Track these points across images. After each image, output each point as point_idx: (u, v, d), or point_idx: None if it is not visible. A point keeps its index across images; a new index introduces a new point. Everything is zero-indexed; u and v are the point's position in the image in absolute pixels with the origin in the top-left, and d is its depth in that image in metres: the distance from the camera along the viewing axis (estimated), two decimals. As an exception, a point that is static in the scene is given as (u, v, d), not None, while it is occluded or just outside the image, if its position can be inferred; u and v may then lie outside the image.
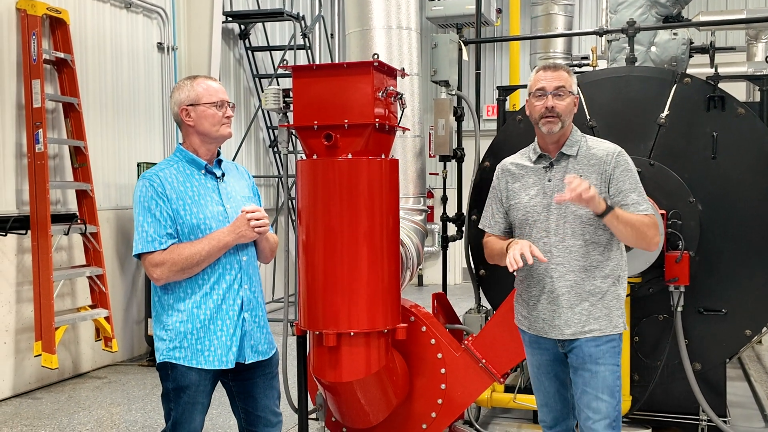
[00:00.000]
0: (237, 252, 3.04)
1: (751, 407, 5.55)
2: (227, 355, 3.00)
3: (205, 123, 3.03)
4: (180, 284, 2.98)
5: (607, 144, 3.23)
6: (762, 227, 4.47)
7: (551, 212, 3.15)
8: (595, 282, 3.13)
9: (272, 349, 3.22)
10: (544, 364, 3.31)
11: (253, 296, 3.10)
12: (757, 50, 9.55)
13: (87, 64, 7.18)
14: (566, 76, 3.16)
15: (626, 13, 5.75)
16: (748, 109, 4.56)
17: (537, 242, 3.14)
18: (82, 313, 6.75)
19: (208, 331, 2.98)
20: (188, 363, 2.98)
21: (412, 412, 4.17)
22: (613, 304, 3.17)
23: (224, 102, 3.06)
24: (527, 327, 3.31)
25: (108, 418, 5.77)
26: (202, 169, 3.07)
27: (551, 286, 3.16)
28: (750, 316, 4.53)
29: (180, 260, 2.90)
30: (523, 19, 11.08)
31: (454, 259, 12.36)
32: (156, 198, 2.94)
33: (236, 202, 3.09)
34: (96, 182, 6.87)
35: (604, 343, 3.13)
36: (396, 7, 4.44)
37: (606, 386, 3.12)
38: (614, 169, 3.11)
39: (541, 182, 3.20)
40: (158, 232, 2.93)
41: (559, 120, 3.11)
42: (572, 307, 3.13)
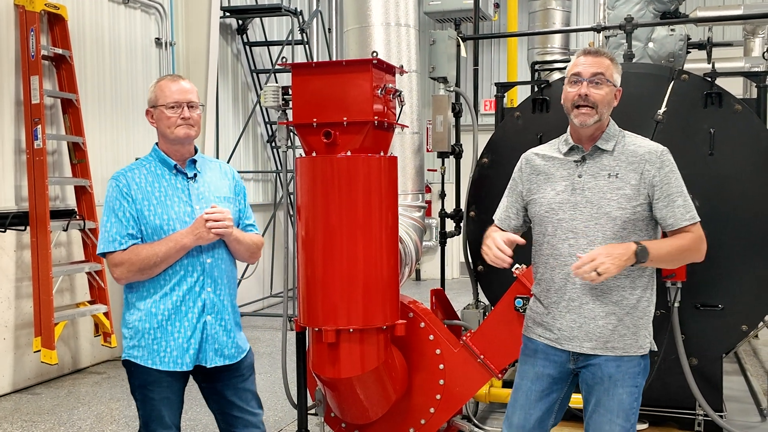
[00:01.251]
0: (200, 254, 2.99)
1: (747, 401, 5.58)
2: (183, 357, 2.98)
3: (161, 125, 3.03)
4: (143, 283, 2.97)
5: (649, 142, 2.91)
6: (758, 223, 4.49)
7: (580, 211, 2.83)
8: (624, 293, 2.83)
9: (241, 352, 3.15)
10: (544, 379, 2.96)
11: (218, 299, 3.04)
12: (755, 45, 9.57)
13: (85, 59, 7.18)
14: (608, 63, 2.83)
15: (624, 9, 5.77)
16: (745, 106, 4.57)
17: (561, 244, 2.85)
18: (81, 309, 6.77)
19: (165, 332, 2.97)
20: (145, 362, 2.98)
21: (410, 408, 4.20)
22: (641, 321, 2.87)
23: (180, 103, 3.00)
24: (538, 335, 2.98)
25: (108, 413, 5.79)
26: (172, 169, 3.05)
27: (573, 293, 2.84)
28: (746, 312, 4.56)
29: (137, 261, 2.90)
30: (520, 13, 11.10)
31: (452, 254, 12.38)
32: (120, 198, 2.95)
33: (209, 202, 3.03)
34: (95, 178, 6.87)
35: (625, 363, 2.83)
36: (394, 4, 4.44)
37: (622, 410, 2.82)
38: (659, 170, 2.78)
39: (571, 177, 2.87)
40: (119, 232, 2.93)
41: (595, 111, 2.78)
42: (596, 318, 2.82)
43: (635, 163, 2.81)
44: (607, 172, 2.82)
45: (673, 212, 2.79)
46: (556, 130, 3.13)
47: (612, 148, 2.86)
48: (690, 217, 2.81)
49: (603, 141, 2.87)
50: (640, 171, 2.80)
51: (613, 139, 2.88)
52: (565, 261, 2.85)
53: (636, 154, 2.83)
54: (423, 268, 13.25)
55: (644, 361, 2.91)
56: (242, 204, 3.24)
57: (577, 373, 2.95)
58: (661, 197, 2.79)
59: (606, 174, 2.82)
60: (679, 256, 2.83)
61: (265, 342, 8.07)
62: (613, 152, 2.85)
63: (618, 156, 2.84)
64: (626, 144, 2.87)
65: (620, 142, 2.87)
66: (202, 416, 5.52)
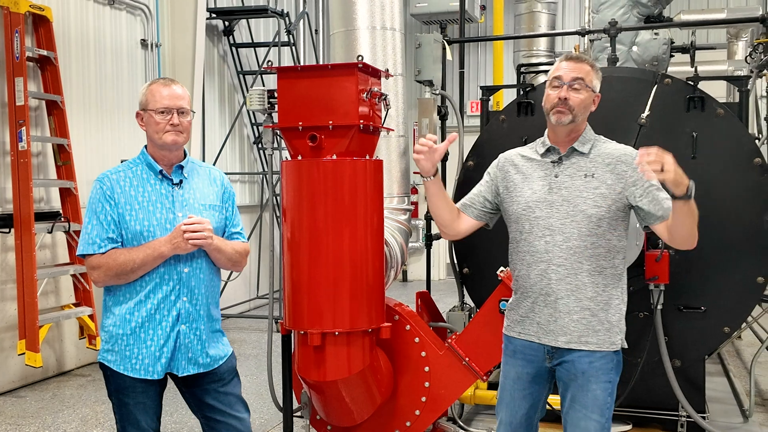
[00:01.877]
0: (177, 263, 2.96)
1: (729, 402, 5.63)
2: (154, 366, 2.96)
3: (149, 130, 3.01)
4: (120, 288, 2.96)
5: (621, 145, 3.03)
6: (740, 226, 4.54)
7: (556, 209, 2.94)
8: (598, 290, 2.92)
9: (217, 361, 3.12)
10: (524, 378, 3.07)
11: (193, 309, 3.00)
12: (738, 48, 9.66)
13: (70, 61, 7.15)
14: (588, 69, 2.95)
15: (608, 13, 5.82)
16: (727, 110, 4.62)
17: (538, 241, 2.96)
18: (66, 311, 6.74)
19: (137, 339, 2.95)
20: (117, 368, 2.98)
21: (396, 410, 4.21)
22: (614, 318, 2.96)
23: (170, 109, 2.96)
24: (518, 332, 3.08)
25: (92, 416, 5.77)
26: (158, 175, 3.02)
27: (549, 288, 2.94)
28: (728, 314, 4.60)
29: (114, 266, 2.88)
30: (506, 15, 11.13)
31: (438, 255, 12.42)
32: (103, 201, 2.94)
33: (192, 210, 3.00)
34: (80, 180, 6.85)
35: (598, 360, 2.92)
36: (380, 7, 4.46)
37: (597, 405, 2.91)
38: (634, 170, 2.85)
39: (548, 177, 2.99)
40: (100, 235, 2.92)
41: (570, 113, 2.90)
42: (571, 313, 2.92)
43: (611, 164, 2.93)
44: (583, 172, 2.94)
45: (660, 204, 2.86)
46: (541, 133, 3.17)
47: (588, 150, 2.99)
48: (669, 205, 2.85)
49: (579, 143, 2.99)
50: (616, 171, 2.92)
51: (589, 142, 3.00)
52: (541, 257, 2.96)
53: (612, 156, 2.95)
54: (410, 269, 13.27)
55: (617, 357, 2.99)
56: (230, 211, 3.20)
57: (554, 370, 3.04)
58: (643, 194, 2.88)
59: (582, 174, 2.94)
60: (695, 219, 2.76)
61: (251, 344, 8.05)
62: (589, 154, 2.97)
63: (594, 158, 2.96)
64: (602, 147, 3.00)
65: (596, 146, 3.00)
66: (188, 419, 5.51)
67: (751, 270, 4.53)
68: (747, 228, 4.52)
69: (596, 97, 3.01)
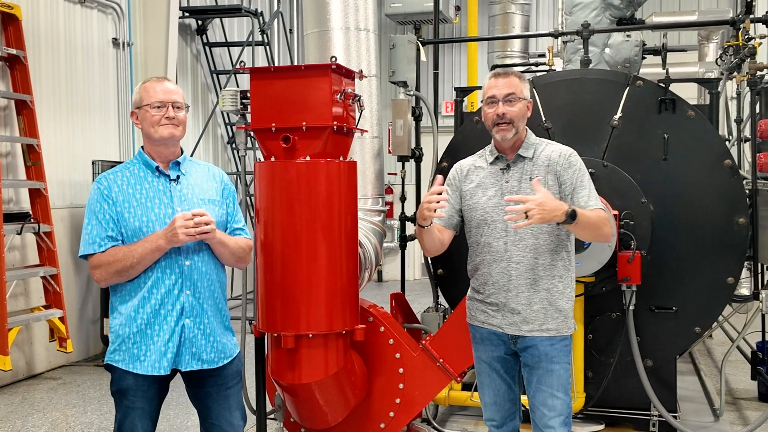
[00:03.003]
0: (178, 256, 2.97)
1: (700, 401, 5.69)
2: (161, 361, 2.96)
3: (145, 125, 3.03)
4: (124, 287, 2.98)
5: (559, 146, 3.31)
6: (711, 227, 4.59)
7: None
8: (553, 281, 3.21)
9: (222, 359, 3.11)
10: (495, 360, 3.35)
11: (197, 302, 3.01)
12: (709, 50, 9.77)
13: (40, 60, 7.05)
14: (517, 82, 3.23)
15: (581, 15, 5.84)
16: (698, 112, 4.67)
17: (497, 242, 3.23)
18: (35, 314, 6.65)
19: (144, 336, 2.96)
20: (125, 367, 2.97)
21: (370, 412, 4.20)
22: (568, 305, 3.25)
23: (164, 103, 3.01)
24: (481, 322, 3.35)
25: (63, 420, 5.69)
26: (154, 172, 3.05)
27: (510, 284, 3.22)
28: (699, 314, 4.65)
29: (114, 261, 2.91)
30: (481, 16, 11.17)
31: (413, 255, 12.42)
32: (101, 201, 2.97)
33: (191, 204, 3.03)
34: (50, 180, 6.76)
35: (558, 342, 3.21)
36: (354, 8, 4.44)
37: (561, 384, 3.20)
38: (566, 170, 3.19)
39: (499, 183, 3.27)
40: (99, 234, 2.95)
41: (512, 126, 3.19)
42: (531, 304, 3.20)
43: (550, 165, 3.22)
44: (528, 176, 3.23)
45: (578, 200, 3.17)
46: (514, 134, 3.21)
47: (532, 155, 3.26)
48: (593, 205, 3.16)
49: (524, 149, 3.27)
50: (553, 172, 3.21)
51: (532, 147, 3.28)
52: (501, 257, 3.24)
53: (550, 159, 3.23)
54: (385, 269, 13.26)
55: (571, 340, 3.32)
56: (231, 207, 3.22)
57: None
58: (569, 192, 3.19)
59: (528, 178, 3.22)
60: (596, 225, 3.11)
61: (225, 345, 8.00)
62: (533, 159, 3.26)
63: (536, 161, 3.25)
64: (542, 150, 3.27)
65: (538, 149, 3.28)
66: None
67: (722, 271, 4.58)
68: (717, 229, 4.58)
69: (528, 104, 3.28)
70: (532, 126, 3.41)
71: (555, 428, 3.20)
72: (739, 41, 5.43)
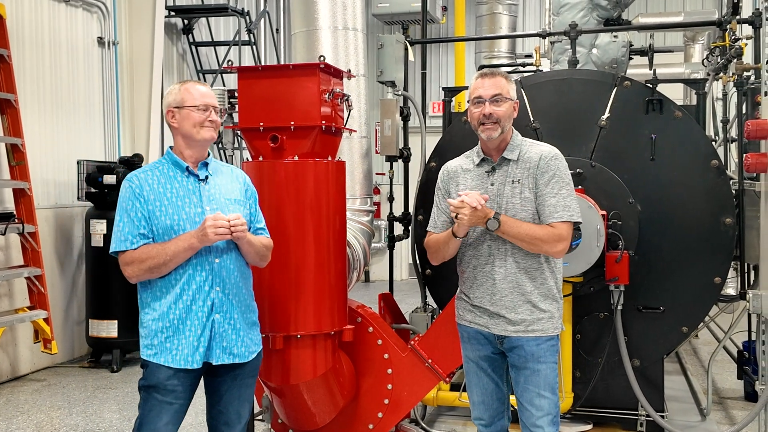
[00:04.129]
0: (208, 254, 3.05)
1: (687, 401, 5.71)
2: (193, 355, 3.03)
3: (186, 124, 3.10)
4: (156, 283, 3.05)
5: (542, 147, 3.26)
6: (698, 227, 4.60)
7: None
8: (536, 283, 3.19)
9: (251, 353, 3.18)
10: (482, 360, 3.33)
11: (226, 299, 3.09)
12: (694, 51, 9.83)
13: (24, 59, 6.98)
14: (503, 82, 3.21)
15: (568, 16, 5.85)
16: (685, 112, 4.68)
17: (481, 245, 3.22)
18: (20, 315, 6.57)
19: (177, 331, 3.03)
20: (157, 360, 3.04)
21: (358, 413, 4.19)
22: (553, 306, 3.23)
23: (208, 106, 3.11)
24: (468, 321, 3.33)
25: (48, 422, 5.64)
26: (184, 172, 3.12)
27: (494, 288, 3.20)
28: (687, 314, 4.66)
29: (147, 259, 2.98)
30: (468, 16, 11.19)
31: (400, 255, 12.41)
32: (132, 199, 3.04)
33: (219, 204, 3.11)
34: (34, 180, 6.69)
35: (544, 342, 3.20)
36: (342, 7, 4.43)
37: (548, 383, 3.20)
38: (543, 174, 3.15)
39: (484, 185, 3.24)
40: (131, 232, 3.02)
41: (498, 126, 3.16)
42: (516, 307, 3.18)
43: (531, 168, 3.20)
44: (511, 178, 3.21)
45: (543, 209, 3.15)
46: (503, 134, 3.19)
47: (516, 156, 3.23)
48: (558, 216, 3.13)
49: (508, 151, 3.24)
50: (534, 174, 3.18)
51: (517, 148, 3.25)
52: (486, 260, 3.23)
53: (532, 161, 3.20)
54: (372, 269, 13.25)
55: (558, 339, 3.30)
56: (253, 208, 3.28)
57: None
58: (540, 195, 3.16)
59: (510, 180, 3.21)
60: (530, 241, 3.11)
61: (211, 346, 7.96)
62: (517, 161, 3.23)
63: (520, 163, 3.22)
64: (526, 152, 3.24)
65: (522, 151, 3.24)
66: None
67: (709, 271, 4.60)
68: (704, 229, 4.59)
69: (515, 104, 3.25)
70: (519, 126, 3.40)
71: (543, 428, 3.19)
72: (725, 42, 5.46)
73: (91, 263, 7.18)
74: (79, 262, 7.60)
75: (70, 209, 7.53)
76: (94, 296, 7.15)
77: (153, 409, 3.05)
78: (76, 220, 7.58)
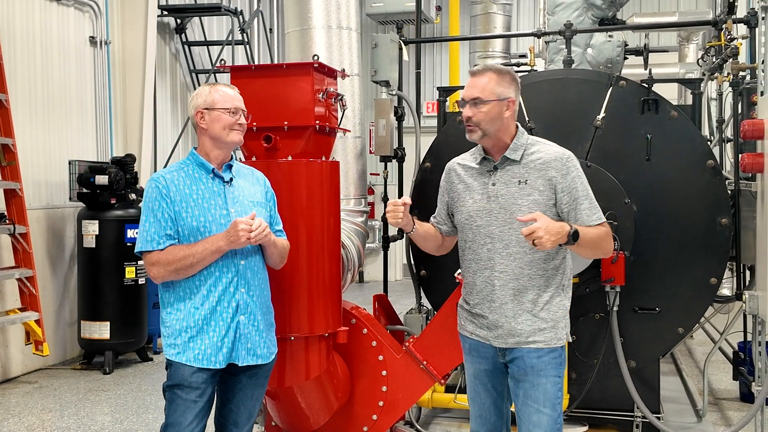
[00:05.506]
0: (234, 256, 3.08)
1: (683, 402, 5.69)
2: (216, 356, 3.05)
3: (216, 126, 3.12)
4: (180, 284, 3.06)
5: (555, 148, 3.06)
6: (693, 227, 4.58)
7: (495, 217, 3.02)
8: (540, 291, 3.01)
9: (271, 354, 3.23)
10: (482, 374, 3.17)
11: (251, 300, 3.13)
12: (689, 51, 9.83)
13: (15, 58, 6.92)
14: (487, 82, 2.99)
15: (563, 15, 5.83)
16: (681, 112, 4.66)
17: (481, 249, 3.05)
18: (11, 316, 6.51)
19: (201, 331, 3.05)
20: (180, 360, 3.05)
21: (353, 415, 4.16)
22: (558, 315, 3.04)
23: (239, 109, 3.15)
24: (469, 333, 3.17)
25: (39, 425, 5.59)
26: (209, 173, 3.14)
27: (493, 294, 3.03)
28: (682, 314, 4.65)
29: (174, 261, 2.99)
30: (462, 16, 11.17)
31: (395, 256, 12.39)
32: (159, 199, 3.05)
33: (243, 206, 3.14)
34: (25, 181, 6.63)
35: (546, 354, 3.01)
36: (336, 6, 4.40)
37: (547, 399, 3.01)
38: (564, 177, 2.96)
39: (486, 186, 3.06)
40: (158, 232, 3.03)
41: (478, 128, 3.00)
42: (516, 316, 3.01)
43: (542, 169, 2.99)
44: (517, 179, 3.01)
45: (578, 215, 2.96)
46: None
47: (520, 157, 3.03)
48: (597, 217, 2.98)
49: (511, 151, 3.04)
50: (546, 177, 2.98)
51: (521, 148, 3.05)
52: (485, 264, 3.05)
53: (543, 161, 3.00)
54: (366, 270, 13.22)
55: (563, 351, 3.09)
56: (273, 210, 3.31)
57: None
58: (568, 201, 2.97)
59: (516, 181, 3.01)
60: (598, 244, 2.98)
61: (204, 348, 7.91)
62: (521, 161, 3.03)
63: (526, 164, 3.01)
64: (534, 152, 3.04)
65: (528, 151, 3.04)
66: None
67: (705, 271, 4.58)
68: (700, 230, 4.57)
69: (508, 102, 3.01)
70: None
71: None
72: (721, 41, 5.44)
73: (83, 264, 7.13)
74: (71, 263, 7.55)
75: (61, 210, 7.48)
76: (86, 297, 7.09)
77: (178, 409, 3.06)
78: (67, 221, 7.53)
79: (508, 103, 3.02)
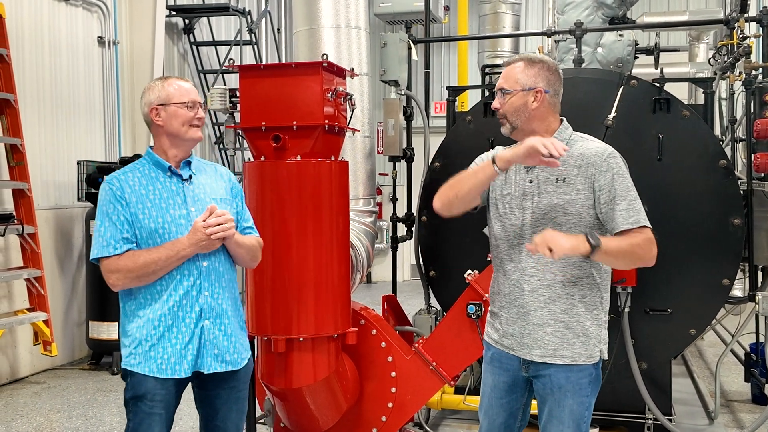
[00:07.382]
0: (196, 258, 2.90)
1: (694, 404, 5.64)
2: (181, 364, 2.89)
3: (174, 123, 2.94)
4: (140, 290, 2.89)
5: (597, 144, 2.83)
6: (705, 228, 4.54)
7: (527, 216, 2.80)
8: (573, 301, 2.77)
9: (243, 359, 3.04)
10: (500, 387, 2.94)
11: (216, 303, 2.94)
12: (699, 51, 9.77)
13: (24, 58, 6.93)
14: (514, 72, 2.81)
15: (573, 14, 5.79)
16: (692, 112, 4.62)
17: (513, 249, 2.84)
18: (19, 317, 6.52)
19: (162, 339, 2.88)
20: (142, 370, 2.88)
21: (362, 417, 4.14)
22: (592, 329, 2.79)
23: (196, 103, 2.97)
24: (495, 341, 2.94)
25: (47, 425, 5.59)
26: (166, 172, 2.97)
27: (522, 299, 2.80)
28: (694, 316, 4.60)
29: (135, 268, 2.83)
30: (471, 16, 11.13)
31: (403, 256, 12.34)
32: (114, 202, 2.88)
33: (204, 204, 2.94)
34: (34, 181, 6.63)
35: (575, 373, 2.77)
36: (345, 5, 4.37)
37: (572, 419, 2.78)
38: (603, 174, 2.72)
39: (522, 182, 2.83)
40: (114, 236, 2.85)
41: (506, 121, 2.83)
42: (544, 326, 2.77)
43: (582, 166, 2.75)
44: (555, 176, 2.76)
45: (614, 215, 2.71)
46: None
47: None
48: (633, 221, 2.70)
49: None
50: (585, 174, 2.74)
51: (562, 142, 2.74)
52: (514, 267, 2.83)
53: (583, 157, 2.76)
54: (374, 270, 13.18)
55: (595, 370, 2.84)
56: (240, 206, 3.13)
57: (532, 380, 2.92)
58: (606, 200, 2.72)
59: (554, 179, 2.77)
60: (630, 254, 2.69)
61: (212, 348, 7.91)
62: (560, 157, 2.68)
63: (566, 159, 2.73)
64: (577, 147, 2.79)
65: (570, 145, 2.79)
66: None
67: (717, 272, 4.53)
68: (712, 230, 4.53)
69: (536, 92, 2.79)
70: None
71: None
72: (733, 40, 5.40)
73: (92, 264, 7.08)
74: (79, 264, 7.55)
75: (70, 210, 7.48)
76: (95, 298, 7.09)
77: (143, 423, 2.90)
78: (76, 221, 7.53)
79: (536, 94, 2.78)
